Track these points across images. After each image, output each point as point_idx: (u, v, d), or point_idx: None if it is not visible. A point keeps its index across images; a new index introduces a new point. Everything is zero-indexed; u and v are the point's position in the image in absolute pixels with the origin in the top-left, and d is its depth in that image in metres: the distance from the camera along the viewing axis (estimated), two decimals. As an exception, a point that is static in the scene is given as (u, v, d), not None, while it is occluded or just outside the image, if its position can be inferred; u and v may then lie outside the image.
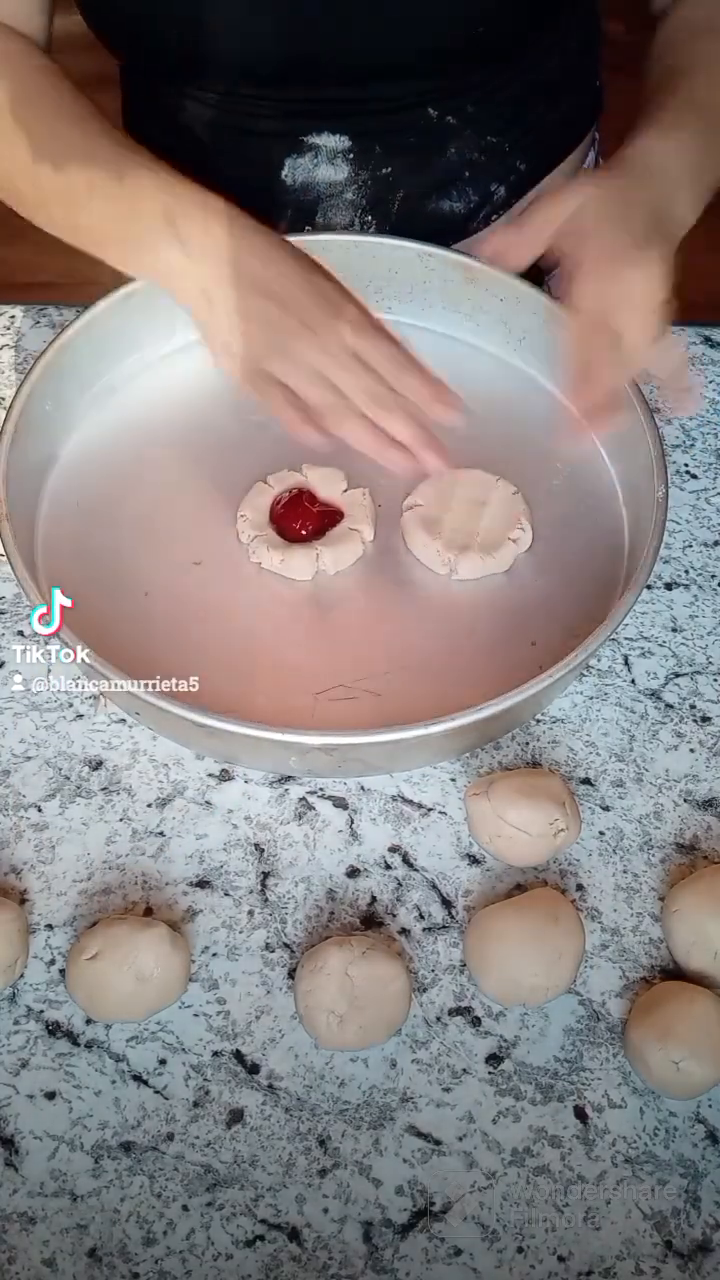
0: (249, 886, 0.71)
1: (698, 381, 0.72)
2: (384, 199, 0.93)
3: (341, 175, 0.92)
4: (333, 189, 0.93)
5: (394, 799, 0.74)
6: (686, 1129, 0.64)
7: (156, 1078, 0.65)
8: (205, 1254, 0.60)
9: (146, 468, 0.85)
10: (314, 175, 0.92)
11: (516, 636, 0.77)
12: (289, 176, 0.92)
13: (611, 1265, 0.60)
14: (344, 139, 0.90)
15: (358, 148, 0.91)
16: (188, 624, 0.78)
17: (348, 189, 0.93)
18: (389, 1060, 0.65)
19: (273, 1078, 0.65)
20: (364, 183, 0.93)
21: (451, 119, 0.91)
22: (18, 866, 0.72)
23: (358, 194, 0.93)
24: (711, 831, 0.74)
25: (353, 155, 0.91)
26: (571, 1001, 0.67)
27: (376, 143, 0.91)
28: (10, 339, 0.96)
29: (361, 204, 0.93)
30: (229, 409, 0.88)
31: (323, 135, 0.90)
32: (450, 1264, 0.60)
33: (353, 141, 0.91)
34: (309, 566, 0.80)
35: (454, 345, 0.92)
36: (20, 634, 0.81)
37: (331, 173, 0.92)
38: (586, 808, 0.74)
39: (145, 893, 0.71)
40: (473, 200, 0.95)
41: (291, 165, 0.92)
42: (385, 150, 0.91)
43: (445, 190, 0.94)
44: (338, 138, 0.90)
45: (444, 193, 0.94)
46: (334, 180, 0.92)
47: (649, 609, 0.83)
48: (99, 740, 0.76)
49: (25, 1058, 0.65)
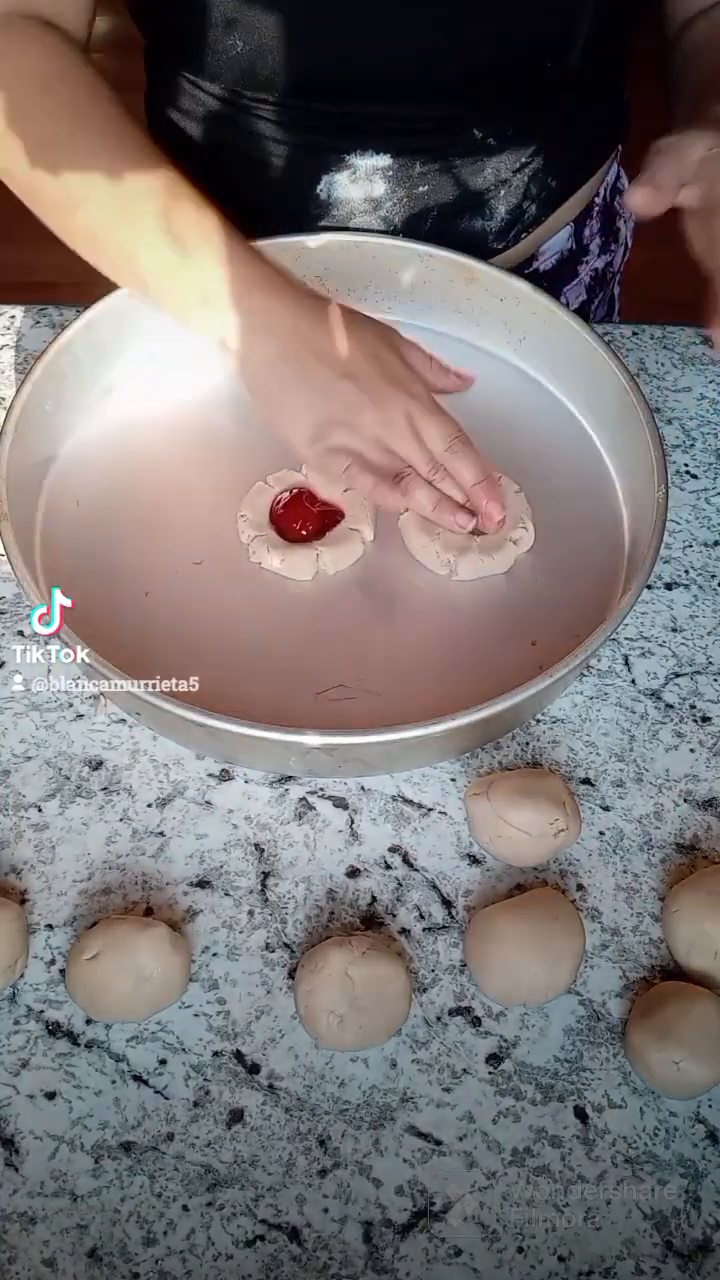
0: (249, 886, 0.71)
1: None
2: (415, 218, 0.93)
3: (378, 192, 0.91)
4: (367, 205, 0.92)
5: (394, 799, 0.74)
6: (686, 1129, 0.64)
7: (156, 1078, 0.65)
8: (205, 1254, 0.60)
9: (146, 468, 0.85)
10: (350, 191, 0.92)
11: (516, 636, 0.77)
12: (324, 191, 0.92)
13: (611, 1265, 0.60)
14: (385, 157, 0.90)
15: (397, 165, 0.90)
16: (188, 624, 0.78)
17: (382, 205, 0.92)
18: (389, 1060, 0.66)
19: (273, 1078, 0.65)
20: (399, 200, 0.92)
21: (493, 140, 0.90)
22: (18, 866, 0.72)
23: (391, 210, 0.92)
24: (711, 831, 0.74)
25: (391, 173, 0.91)
26: (571, 1001, 0.67)
27: (417, 161, 0.90)
28: (10, 339, 0.96)
29: (394, 221, 0.93)
30: (229, 409, 0.88)
31: (366, 154, 0.90)
32: (450, 1264, 0.60)
33: (393, 160, 0.90)
34: (309, 566, 0.80)
35: (454, 345, 0.92)
36: (20, 634, 0.81)
37: (369, 189, 0.91)
38: (586, 808, 0.74)
39: (145, 893, 0.71)
40: (504, 218, 0.95)
41: (329, 180, 0.91)
42: (425, 169, 0.91)
43: (479, 208, 0.94)
44: (379, 156, 0.90)
45: (477, 211, 0.94)
46: (370, 197, 0.92)
47: (649, 609, 0.83)
48: (99, 740, 0.76)
49: (25, 1058, 0.65)
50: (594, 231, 1.04)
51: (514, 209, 0.95)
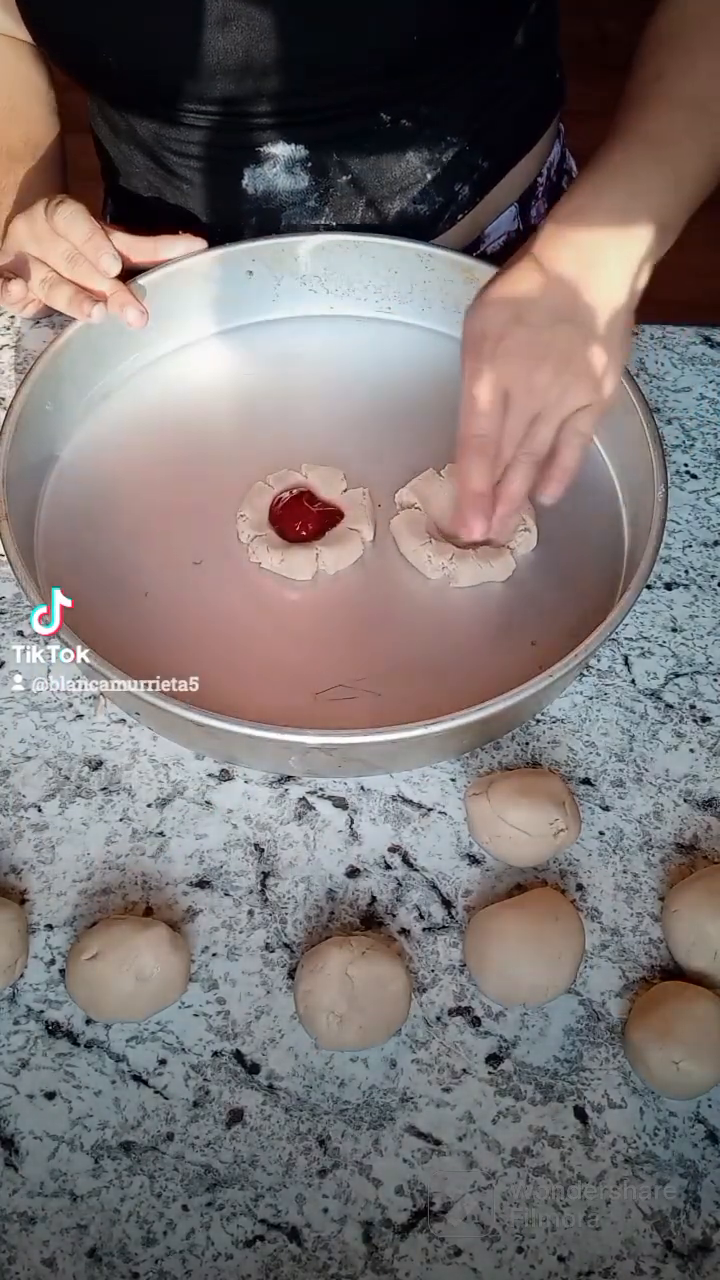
0: (249, 886, 0.71)
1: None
2: (347, 206, 0.93)
3: (302, 184, 0.92)
4: (294, 197, 0.92)
5: (394, 799, 0.74)
6: (686, 1129, 0.64)
7: (156, 1078, 0.65)
8: (205, 1254, 0.60)
9: (146, 468, 0.85)
10: (274, 184, 0.92)
11: (516, 636, 0.77)
12: (250, 186, 0.92)
13: (611, 1265, 0.60)
14: (300, 148, 0.90)
15: (314, 156, 0.90)
16: (188, 624, 0.78)
17: (309, 197, 0.92)
18: (389, 1060, 0.65)
19: (273, 1078, 0.65)
20: (325, 190, 0.92)
21: (406, 122, 0.90)
22: (18, 866, 0.72)
23: (319, 201, 0.93)
24: (711, 831, 0.74)
25: (310, 164, 0.91)
26: (571, 1001, 0.67)
27: (333, 150, 0.90)
28: (10, 339, 0.96)
29: (325, 211, 0.93)
30: (229, 409, 0.89)
31: (278, 145, 0.90)
32: (450, 1264, 0.60)
33: (309, 150, 0.90)
34: (309, 566, 0.80)
35: (454, 345, 0.92)
36: (20, 634, 0.80)
37: (292, 181, 0.92)
38: (586, 808, 0.74)
39: (145, 893, 0.71)
40: (437, 201, 0.95)
41: (251, 175, 0.91)
42: (342, 157, 0.91)
43: (409, 193, 0.94)
44: (294, 147, 0.90)
45: (408, 196, 0.94)
46: (295, 189, 0.92)
47: (649, 609, 0.83)
48: (99, 740, 0.76)
49: (25, 1058, 0.65)
50: (541, 211, 1.03)
51: (445, 191, 0.95)
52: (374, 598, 0.80)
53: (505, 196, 1.00)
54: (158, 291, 0.88)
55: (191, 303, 0.91)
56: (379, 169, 0.92)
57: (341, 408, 0.89)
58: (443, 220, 0.96)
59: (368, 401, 0.89)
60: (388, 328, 0.94)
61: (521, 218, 1.03)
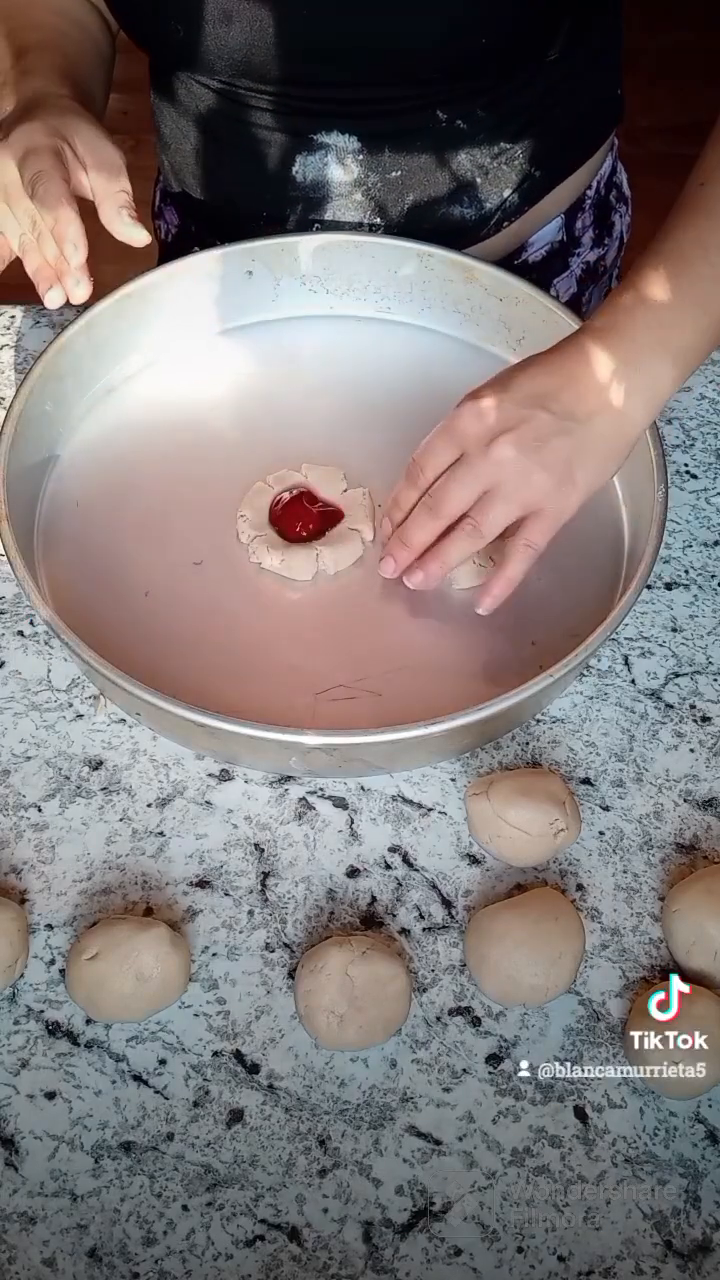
0: (249, 886, 0.71)
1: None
2: (393, 202, 0.93)
3: (351, 176, 0.92)
4: (342, 189, 0.93)
5: (394, 799, 0.74)
6: (686, 1129, 0.64)
7: (156, 1078, 0.65)
8: (205, 1254, 0.60)
9: (146, 468, 0.85)
10: (324, 174, 0.92)
11: (516, 636, 0.77)
12: (299, 173, 0.92)
13: (611, 1265, 0.60)
14: (353, 139, 0.90)
15: (367, 149, 0.91)
16: (188, 624, 0.78)
17: (357, 190, 0.93)
18: (389, 1060, 0.66)
19: (273, 1078, 0.65)
20: (373, 184, 0.92)
21: (461, 124, 0.90)
22: (18, 866, 0.72)
23: (366, 195, 0.93)
24: (711, 831, 0.74)
25: (362, 156, 0.91)
26: (571, 1001, 0.67)
27: (386, 144, 0.91)
28: (10, 339, 0.96)
29: (370, 205, 0.93)
30: (229, 409, 0.89)
31: (332, 135, 0.90)
32: (450, 1264, 0.60)
33: (362, 142, 0.90)
34: (309, 566, 0.80)
35: (454, 345, 0.92)
36: (20, 634, 0.81)
37: (341, 173, 0.92)
38: (586, 808, 0.74)
39: (145, 893, 0.71)
40: (485, 207, 0.95)
41: (302, 162, 0.92)
42: (395, 153, 0.91)
43: (457, 196, 0.94)
44: (347, 138, 0.90)
45: (456, 199, 0.94)
46: (343, 180, 0.92)
47: (649, 609, 0.83)
48: (99, 740, 0.76)
49: (25, 1058, 0.65)
50: (586, 224, 1.03)
51: (493, 197, 0.95)
52: (374, 598, 0.80)
53: (553, 207, 1.00)
54: (157, 291, 0.88)
55: (191, 303, 0.91)
56: (429, 168, 0.92)
57: (341, 408, 0.89)
58: (487, 226, 0.96)
59: (368, 401, 0.89)
60: (388, 328, 0.94)
61: (566, 229, 1.02)
